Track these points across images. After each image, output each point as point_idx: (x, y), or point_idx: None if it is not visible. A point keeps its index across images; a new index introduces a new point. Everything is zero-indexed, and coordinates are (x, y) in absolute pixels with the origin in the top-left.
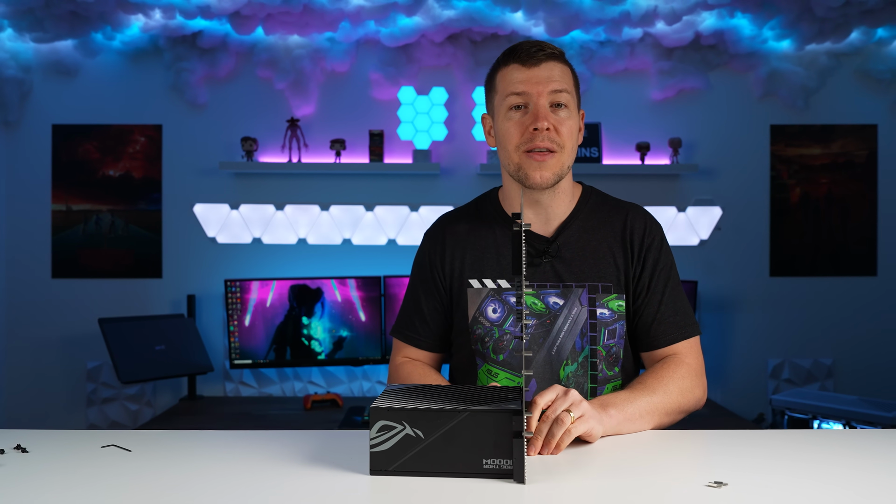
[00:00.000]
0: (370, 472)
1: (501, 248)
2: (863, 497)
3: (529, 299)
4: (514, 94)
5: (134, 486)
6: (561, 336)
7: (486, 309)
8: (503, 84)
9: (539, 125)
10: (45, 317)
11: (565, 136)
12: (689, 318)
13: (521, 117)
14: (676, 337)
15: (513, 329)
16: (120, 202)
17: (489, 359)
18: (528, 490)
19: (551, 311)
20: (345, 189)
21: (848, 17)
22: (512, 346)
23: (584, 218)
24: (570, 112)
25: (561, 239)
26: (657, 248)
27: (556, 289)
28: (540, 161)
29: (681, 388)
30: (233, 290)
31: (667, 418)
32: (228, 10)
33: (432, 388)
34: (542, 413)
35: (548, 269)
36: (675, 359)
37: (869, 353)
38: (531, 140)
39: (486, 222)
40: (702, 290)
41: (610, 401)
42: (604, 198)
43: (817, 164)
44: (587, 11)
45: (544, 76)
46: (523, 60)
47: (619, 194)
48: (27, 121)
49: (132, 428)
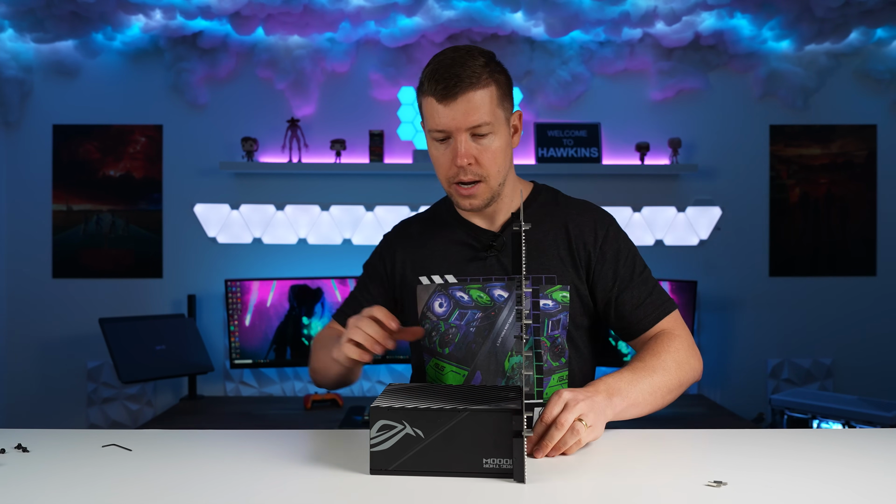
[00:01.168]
0: (370, 472)
1: (450, 246)
2: (862, 496)
3: (475, 293)
4: (436, 130)
5: (134, 485)
6: (505, 328)
7: (433, 304)
8: (426, 114)
9: (460, 162)
10: (45, 317)
11: (488, 164)
12: (664, 296)
13: (445, 149)
14: (659, 315)
15: (457, 322)
16: (120, 202)
17: (436, 353)
18: (528, 490)
19: (496, 304)
20: (345, 189)
21: (847, 18)
22: (457, 339)
23: (530, 213)
24: (494, 136)
25: (507, 234)
26: (613, 238)
27: (501, 281)
28: (467, 195)
29: (678, 362)
30: (233, 290)
31: (669, 395)
32: (229, 10)
33: (433, 388)
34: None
35: (493, 262)
36: (666, 334)
37: (868, 353)
38: (456, 175)
39: (439, 224)
40: (701, 290)
41: (614, 387)
42: (554, 196)
43: (817, 165)
44: (587, 12)
45: (461, 111)
46: (440, 96)
47: (620, 194)
48: (28, 121)
49: (132, 427)
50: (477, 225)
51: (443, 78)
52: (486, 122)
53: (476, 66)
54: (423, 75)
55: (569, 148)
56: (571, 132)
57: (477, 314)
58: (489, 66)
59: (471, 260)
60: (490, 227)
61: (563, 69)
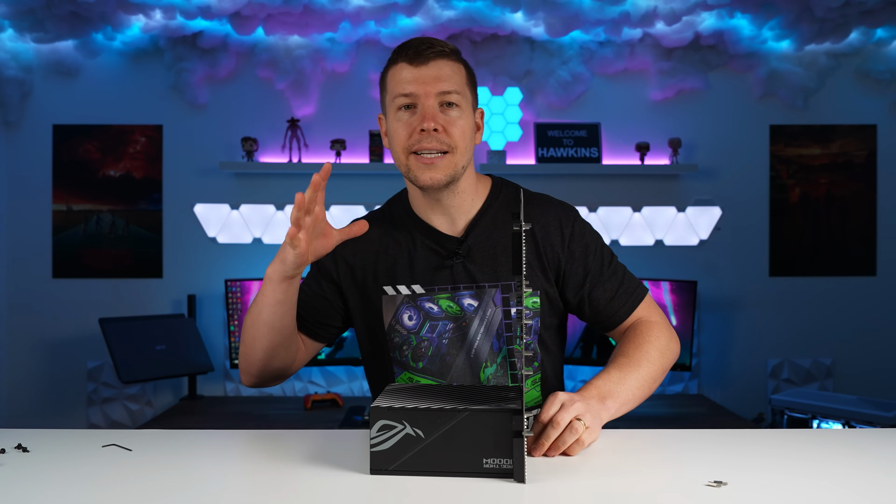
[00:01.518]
0: (370, 472)
1: (414, 253)
2: (862, 496)
3: (444, 303)
4: (402, 94)
5: (134, 485)
6: (478, 339)
7: (401, 316)
8: (392, 83)
9: (426, 126)
10: (45, 317)
11: (457, 137)
12: (634, 281)
13: (409, 118)
14: (633, 303)
15: (429, 335)
16: (120, 202)
17: (409, 367)
18: (528, 490)
19: (466, 314)
20: (345, 189)
21: (847, 18)
22: (430, 352)
23: (493, 214)
24: (461, 111)
25: (471, 238)
26: (579, 234)
27: (469, 290)
28: (429, 164)
29: (660, 350)
30: (233, 290)
31: (655, 384)
32: (229, 10)
33: (433, 388)
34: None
35: (460, 270)
36: (643, 323)
37: (868, 353)
38: (419, 142)
39: (398, 227)
40: (701, 290)
41: (606, 389)
42: (516, 191)
43: (817, 165)
44: (587, 12)
45: (432, 75)
46: (411, 59)
47: (619, 194)
48: (28, 121)
49: (132, 427)
50: (438, 230)
51: (413, 45)
52: (457, 91)
53: (447, 44)
54: (393, 51)
55: (569, 148)
56: (571, 132)
57: (448, 325)
58: (458, 53)
59: (437, 268)
60: (451, 230)
61: (563, 69)
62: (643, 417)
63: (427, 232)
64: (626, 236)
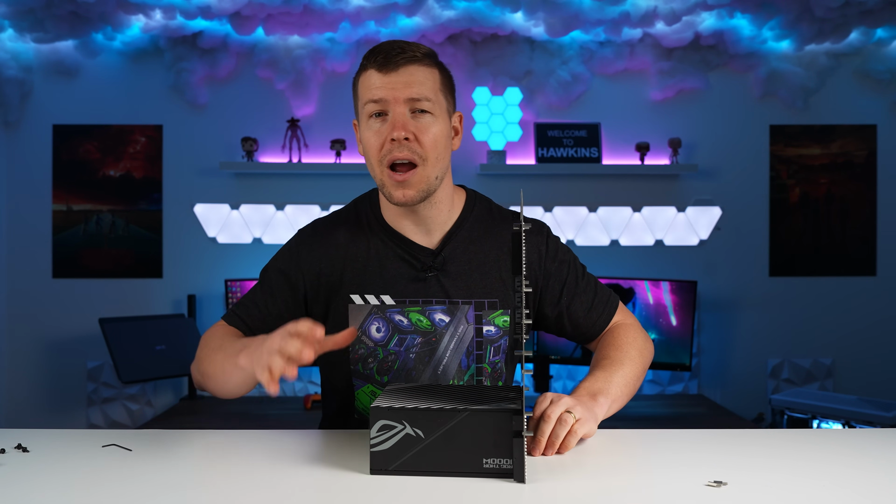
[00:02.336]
0: (370, 472)
1: (384, 261)
2: (862, 496)
3: (415, 316)
4: (372, 101)
5: (134, 485)
6: (447, 355)
7: (369, 328)
8: (362, 89)
9: (396, 135)
10: (45, 317)
11: (428, 147)
12: (605, 290)
13: (380, 126)
14: (610, 312)
15: (397, 349)
16: (120, 202)
17: (373, 380)
18: (528, 490)
19: (437, 329)
20: (345, 189)
21: (847, 18)
22: (396, 366)
23: (468, 228)
24: (434, 118)
25: (446, 251)
26: (553, 250)
27: (441, 305)
28: (401, 181)
29: (639, 349)
30: (233, 290)
31: (638, 382)
32: (229, 10)
33: (433, 388)
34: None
35: (433, 284)
36: (617, 326)
37: (868, 353)
38: (390, 152)
39: (368, 233)
40: (701, 290)
41: (595, 388)
42: (488, 206)
43: (817, 165)
44: (587, 12)
45: (402, 81)
46: (380, 65)
47: (619, 194)
48: (28, 121)
49: (132, 427)
50: (412, 240)
51: (383, 50)
52: (427, 97)
53: (420, 48)
54: (365, 55)
55: (569, 148)
56: (571, 132)
57: (417, 339)
58: (431, 56)
59: (409, 280)
60: (426, 241)
61: (563, 69)
62: (643, 417)
63: (399, 241)
64: (626, 236)
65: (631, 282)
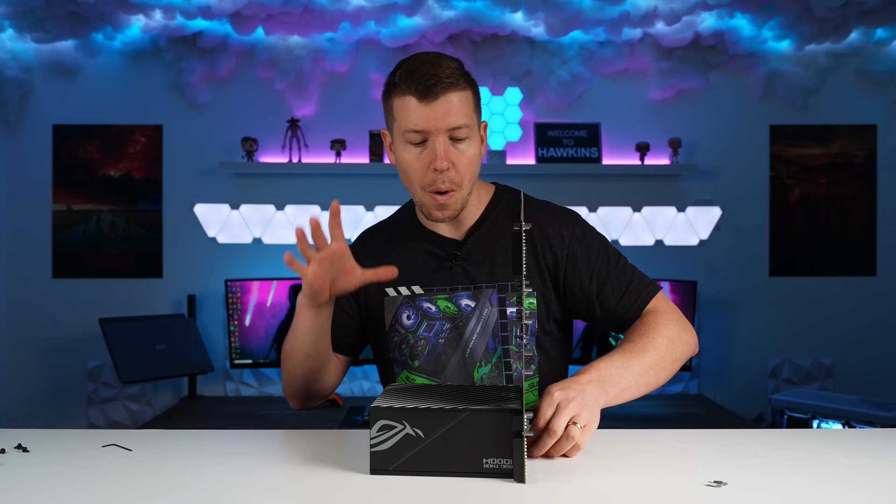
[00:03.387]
0: (370, 472)
1: (416, 257)
2: (862, 496)
3: (442, 303)
4: (413, 131)
5: (134, 485)
6: (473, 339)
7: (401, 316)
8: (401, 115)
9: (440, 165)
10: (45, 317)
11: (463, 171)
12: (646, 280)
13: (420, 153)
14: (644, 300)
15: (426, 334)
16: (120, 202)
17: (407, 365)
18: (528, 490)
19: (463, 314)
20: (345, 189)
21: (847, 18)
22: (426, 351)
23: (494, 218)
24: (470, 141)
25: (471, 242)
26: (580, 236)
27: (467, 291)
28: (441, 204)
29: (668, 338)
30: (233, 290)
31: (663, 373)
32: (229, 10)
33: (432, 388)
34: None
35: (459, 271)
36: (652, 312)
37: (868, 353)
38: (433, 182)
39: (404, 234)
40: (701, 290)
41: (606, 372)
42: (516, 197)
43: (817, 165)
44: (587, 12)
45: (442, 111)
46: (420, 95)
47: (620, 194)
48: (28, 121)
49: (133, 427)
50: (440, 234)
51: (422, 77)
52: (466, 124)
53: (453, 68)
54: (397, 76)
55: (569, 148)
56: (571, 132)
57: (445, 325)
58: (463, 71)
59: (436, 270)
60: (454, 234)
61: (563, 69)
62: (643, 417)
63: (430, 237)
64: (626, 236)
65: None
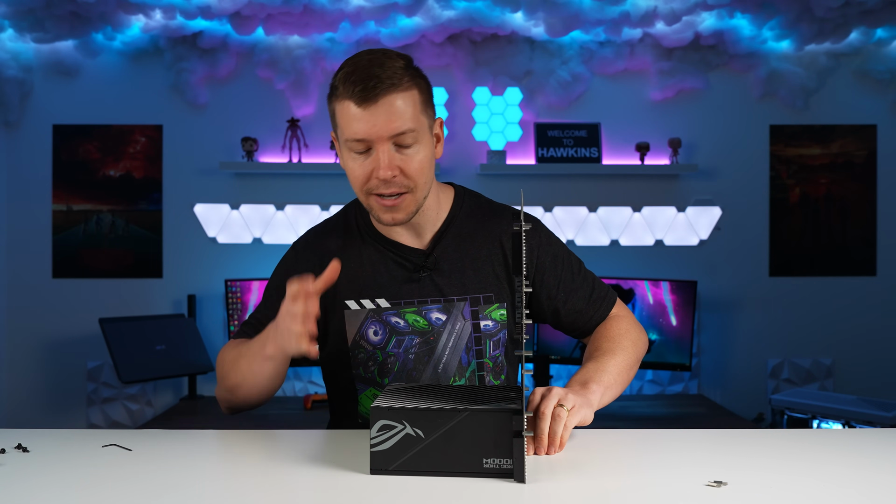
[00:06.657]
0: (370, 472)
1: (377, 266)
2: (862, 496)
3: (411, 317)
4: (354, 140)
5: (134, 485)
6: (446, 353)
7: (366, 332)
8: (342, 121)
9: (383, 175)
10: (45, 317)
11: (415, 175)
12: (603, 287)
13: (363, 160)
14: (606, 308)
15: (395, 350)
16: (120, 202)
17: (375, 383)
18: (528, 490)
19: (434, 328)
20: (345, 189)
21: (847, 18)
22: (396, 368)
23: (458, 225)
24: (418, 145)
25: (437, 250)
26: (546, 244)
27: (437, 304)
28: (390, 206)
29: (633, 341)
30: (233, 290)
31: (631, 372)
32: (229, 10)
33: (432, 388)
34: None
35: (427, 283)
36: (611, 318)
37: (869, 353)
38: (377, 187)
39: (360, 240)
40: (701, 290)
41: (587, 377)
42: (477, 201)
43: (817, 165)
44: (587, 12)
45: (383, 117)
46: (359, 99)
47: (619, 194)
48: (28, 121)
49: (133, 427)
50: (402, 243)
51: (360, 79)
52: (411, 128)
53: (396, 67)
54: (337, 78)
55: (569, 148)
56: (571, 132)
57: (415, 339)
58: (409, 70)
59: (403, 282)
60: (416, 243)
61: (563, 69)
62: (643, 417)
63: (390, 246)
64: (626, 236)
65: (631, 282)
